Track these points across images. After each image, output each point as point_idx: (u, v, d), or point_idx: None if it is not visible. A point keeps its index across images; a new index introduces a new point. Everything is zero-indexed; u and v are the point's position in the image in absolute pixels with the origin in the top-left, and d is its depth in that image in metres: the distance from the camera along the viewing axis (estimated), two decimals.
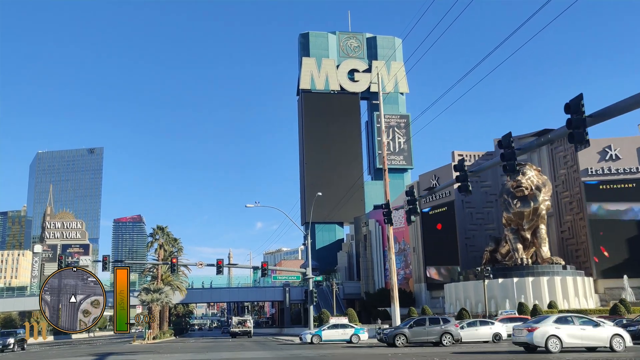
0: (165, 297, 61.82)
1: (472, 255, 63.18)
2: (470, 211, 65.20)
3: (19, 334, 42.33)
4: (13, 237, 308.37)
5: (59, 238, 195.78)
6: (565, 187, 60.13)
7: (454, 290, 56.36)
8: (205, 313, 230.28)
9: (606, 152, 56.74)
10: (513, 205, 53.03)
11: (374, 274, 77.76)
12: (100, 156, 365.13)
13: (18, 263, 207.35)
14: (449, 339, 29.21)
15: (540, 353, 22.00)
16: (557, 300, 48.58)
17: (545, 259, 52.56)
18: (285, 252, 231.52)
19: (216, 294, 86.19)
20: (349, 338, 38.47)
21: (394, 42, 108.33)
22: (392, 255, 37.12)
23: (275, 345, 39.76)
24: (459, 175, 20.29)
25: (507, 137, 19.37)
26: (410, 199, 25.15)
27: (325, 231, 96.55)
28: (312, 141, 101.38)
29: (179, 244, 70.01)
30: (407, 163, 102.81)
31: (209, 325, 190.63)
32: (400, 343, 29.16)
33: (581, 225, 57.62)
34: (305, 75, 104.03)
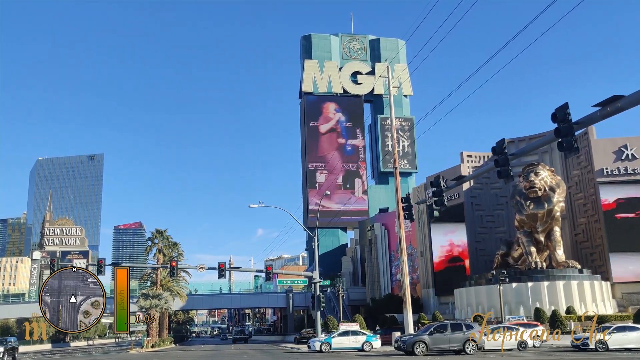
0: (164, 303, 59.74)
1: (482, 259, 61.13)
2: (480, 214, 63.16)
3: (10, 342, 40.16)
4: (13, 244, 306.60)
5: (58, 245, 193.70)
6: (578, 188, 58.10)
7: (465, 296, 54.24)
8: (205, 320, 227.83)
9: (622, 152, 54.72)
10: (526, 206, 51.02)
11: (380, 279, 75.68)
12: (101, 163, 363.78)
13: (16, 270, 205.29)
14: (473, 347, 27.05)
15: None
16: (574, 306, 46.49)
17: (560, 263, 50.49)
18: (286, 259, 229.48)
19: (217, 300, 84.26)
20: (361, 346, 36.42)
21: (397, 44, 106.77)
22: (405, 257, 34.98)
23: (282, 353, 37.68)
24: (499, 158, 18.61)
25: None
26: (436, 189, 23.16)
27: (328, 236, 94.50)
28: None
29: (178, 249, 67.97)
30: (412, 167, 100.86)
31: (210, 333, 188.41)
32: (420, 351, 26.98)
33: (596, 228, 55.54)
34: (307, 77, 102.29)
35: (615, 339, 28.84)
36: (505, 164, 19.21)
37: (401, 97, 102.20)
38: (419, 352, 27.06)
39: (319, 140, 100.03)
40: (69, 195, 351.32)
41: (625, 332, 29.48)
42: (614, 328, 29.88)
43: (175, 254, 66.91)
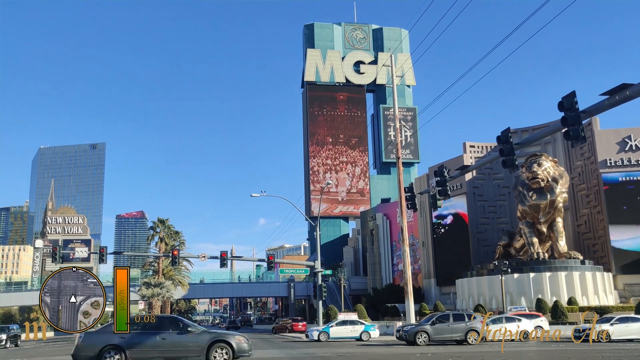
0: (166, 292, 59.95)
1: (484, 250, 61.09)
2: (482, 204, 63.03)
3: (12, 329, 40.36)
4: (15, 232, 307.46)
5: (60, 233, 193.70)
6: (581, 179, 57.86)
7: (467, 286, 54.26)
8: (207, 309, 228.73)
9: (626, 143, 54.40)
10: (529, 197, 50.87)
11: (382, 269, 75.75)
12: (102, 152, 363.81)
13: (19, 258, 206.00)
14: (475, 337, 27.01)
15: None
16: (576, 297, 46.49)
17: (562, 254, 50.43)
18: (288, 248, 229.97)
19: (219, 289, 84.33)
20: (359, 335, 36.42)
21: (400, 34, 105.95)
22: (407, 247, 34.93)
23: (281, 342, 37.73)
24: (504, 148, 18.42)
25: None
26: (440, 179, 22.99)
27: (330, 226, 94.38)
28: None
29: (180, 237, 68.06)
30: (414, 157, 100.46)
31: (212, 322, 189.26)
32: (422, 341, 26.92)
33: (599, 219, 55.37)
34: (309, 67, 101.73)
35: (617, 330, 28.83)
36: (511, 153, 19.06)
37: (404, 87, 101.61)
38: (421, 341, 27.02)
39: (321, 129, 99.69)
40: (71, 184, 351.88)
41: (627, 323, 29.50)
42: (616, 319, 29.86)
43: (177, 243, 67.03)
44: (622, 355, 19.84)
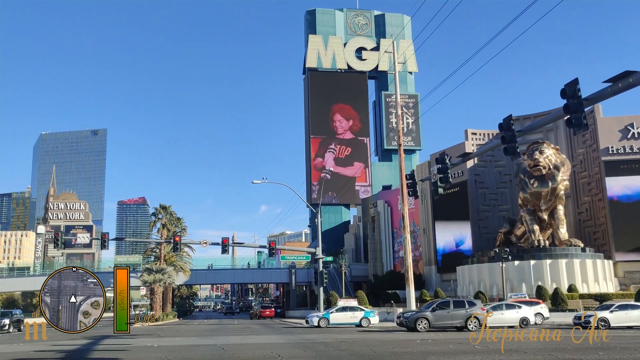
0: (168, 278, 60.21)
1: (485, 237, 61.16)
2: (484, 192, 62.99)
3: (15, 314, 40.60)
4: (17, 218, 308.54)
5: (62, 219, 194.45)
6: (583, 166, 57.77)
7: (467, 273, 54.43)
8: (209, 295, 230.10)
9: (628, 130, 54.24)
10: (530, 185, 50.79)
11: (382, 256, 75.95)
12: (104, 138, 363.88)
13: (21, 244, 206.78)
14: (475, 324, 27.16)
15: None
16: (576, 284, 46.64)
17: (563, 241, 50.47)
18: (289, 235, 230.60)
19: (220, 276, 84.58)
20: (359, 321, 36.63)
21: (402, 20, 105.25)
22: (407, 234, 34.96)
23: (282, 328, 37.96)
24: (506, 135, 18.37)
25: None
26: (442, 166, 22.98)
27: (331, 213, 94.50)
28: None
29: (182, 224, 68.21)
30: (416, 144, 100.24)
31: (213, 307, 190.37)
32: (422, 327, 27.07)
33: (600, 207, 55.36)
34: (311, 53, 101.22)
35: (617, 317, 28.97)
36: (512, 140, 18.99)
37: (406, 73, 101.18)
38: (421, 328, 27.16)
39: (323, 116, 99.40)
40: (72, 170, 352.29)
41: (627, 310, 29.64)
42: (616, 306, 30.00)
43: (178, 229, 67.19)
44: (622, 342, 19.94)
